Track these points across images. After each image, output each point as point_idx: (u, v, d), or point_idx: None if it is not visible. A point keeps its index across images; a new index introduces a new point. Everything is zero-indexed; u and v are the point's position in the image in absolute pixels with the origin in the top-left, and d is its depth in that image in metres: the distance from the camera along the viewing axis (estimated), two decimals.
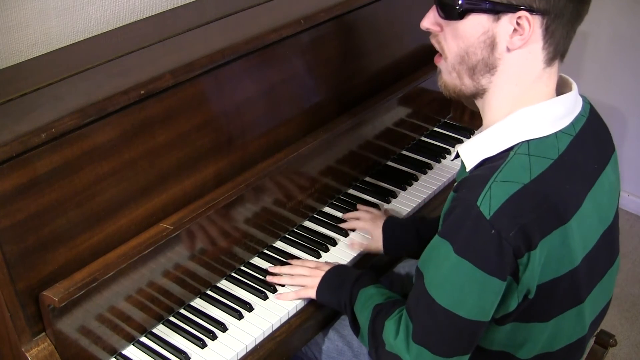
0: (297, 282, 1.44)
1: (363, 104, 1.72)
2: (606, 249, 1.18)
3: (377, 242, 1.54)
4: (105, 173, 1.23)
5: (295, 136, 1.58)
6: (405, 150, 1.93)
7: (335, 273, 1.40)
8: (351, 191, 1.75)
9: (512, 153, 1.07)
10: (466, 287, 1.04)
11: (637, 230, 2.89)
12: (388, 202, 1.72)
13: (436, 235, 1.09)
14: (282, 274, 1.46)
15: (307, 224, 1.64)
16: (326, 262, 1.49)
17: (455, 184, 1.14)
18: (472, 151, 1.13)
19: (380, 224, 1.55)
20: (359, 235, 1.59)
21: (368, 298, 1.28)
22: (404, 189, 1.77)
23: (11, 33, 1.46)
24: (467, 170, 1.14)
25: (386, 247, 1.53)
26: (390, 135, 1.85)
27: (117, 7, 1.64)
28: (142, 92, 1.24)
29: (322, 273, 1.40)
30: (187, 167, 1.37)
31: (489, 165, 1.08)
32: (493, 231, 1.01)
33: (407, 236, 1.52)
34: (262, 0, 1.66)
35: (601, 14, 2.69)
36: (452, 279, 1.05)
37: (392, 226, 1.53)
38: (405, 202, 1.72)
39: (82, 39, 1.56)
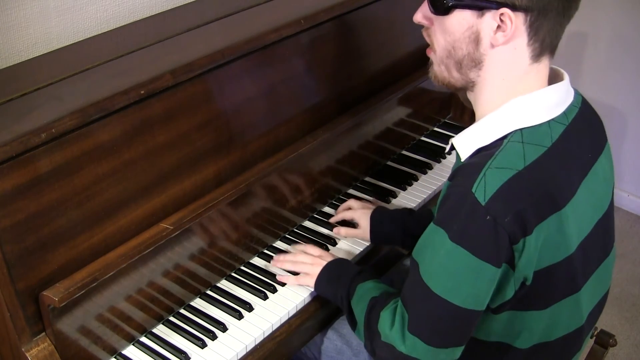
0: (299, 269, 1.45)
1: (363, 104, 1.72)
2: (601, 237, 1.20)
3: (364, 232, 1.56)
4: (105, 173, 1.23)
5: (295, 136, 1.58)
6: (405, 150, 1.93)
7: (336, 266, 1.41)
8: (351, 191, 1.75)
9: (505, 141, 1.08)
10: (461, 274, 1.05)
11: (637, 230, 2.89)
12: (388, 202, 1.72)
13: (431, 224, 1.10)
14: (285, 260, 1.48)
15: (307, 224, 1.64)
16: (330, 253, 1.50)
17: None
18: (466, 141, 1.14)
19: (369, 213, 1.56)
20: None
21: (365, 292, 1.29)
22: (404, 189, 1.77)
23: (11, 33, 1.46)
24: (462, 160, 1.15)
25: (372, 238, 1.55)
26: (390, 135, 1.85)
27: (117, 7, 1.64)
28: (142, 92, 1.24)
29: (324, 263, 1.41)
30: (187, 167, 1.37)
31: (484, 154, 1.10)
32: (488, 217, 1.02)
33: (394, 228, 1.53)
34: (262, 0, 1.66)
35: (601, 14, 2.69)
36: (447, 267, 1.06)
37: (381, 217, 1.55)
38: (405, 202, 1.72)
39: (82, 39, 1.56)
